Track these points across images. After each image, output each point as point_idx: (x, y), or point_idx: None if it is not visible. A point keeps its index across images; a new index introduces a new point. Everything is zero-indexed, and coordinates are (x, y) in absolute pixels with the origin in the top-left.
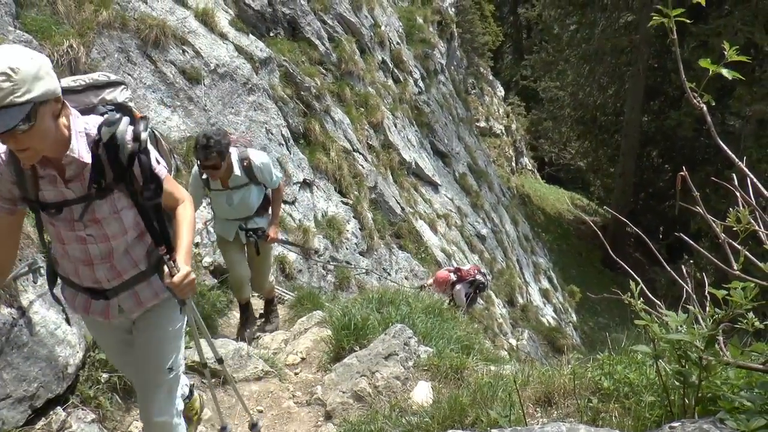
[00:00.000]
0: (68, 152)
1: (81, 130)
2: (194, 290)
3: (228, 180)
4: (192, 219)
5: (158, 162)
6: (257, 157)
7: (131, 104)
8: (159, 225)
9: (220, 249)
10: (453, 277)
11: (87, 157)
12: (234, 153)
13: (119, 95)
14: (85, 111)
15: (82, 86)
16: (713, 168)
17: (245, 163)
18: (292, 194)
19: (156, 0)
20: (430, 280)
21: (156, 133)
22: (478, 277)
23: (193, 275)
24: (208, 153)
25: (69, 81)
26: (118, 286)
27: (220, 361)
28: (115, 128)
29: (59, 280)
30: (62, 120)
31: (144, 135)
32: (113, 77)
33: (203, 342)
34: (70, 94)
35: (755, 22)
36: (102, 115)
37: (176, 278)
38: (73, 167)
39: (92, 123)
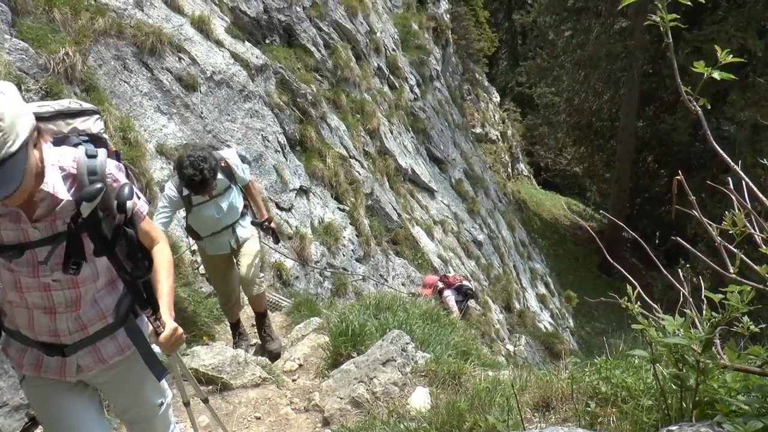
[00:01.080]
0: (42, 186)
1: (54, 163)
2: (182, 343)
3: (213, 189)
4: (170, 261)
5: (139, 198)
6: (231, 156)
7: (105, 136)
8: (146, 290)
9: (209, 270)
10: (440, 284)
11: (62, 193)
12: None
13: (93, 125)
14: (56, 142)
15: (50, 113)
16: (709, 173)
17: (223, 164)
18: (288, 201)
19: (152, 8)
20: (422, 289)
21: (129, 170)
22: (465, 283)
23: (180, 330)
24: (207, 186)
25: (34, 106)
26: (80, 341)
27: (205, 401)
28: (96, 201)
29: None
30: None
31: (130, 204)
32: (86, 105)
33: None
34: (37, 122)
35: (748, 28)
36: (75, 146)
37: (163, 337)
38: (45, 204)
39: (66, 155)
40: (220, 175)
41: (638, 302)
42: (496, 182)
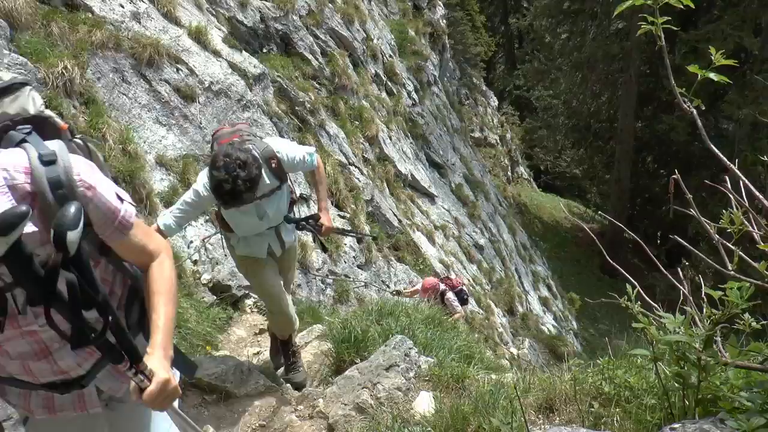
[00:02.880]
0: None
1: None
2: (176, 397)
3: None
4: (172, 282)
5: (121, 199)
6: (282, 149)
7: (49, 112)
8: (118, 336)
9: (247, 273)
10: (442, 286)
11: None
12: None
13: (28, 103)
14: None
15: None
16: (709, 172)
17: (273, 164)
18: None
19: (149, 19)
20: (411, 289)
21: (89, 145)
22: (463, 288)
23: (173, 383)
24: (237, 201)
25: None
26: (93, 367)
27: None
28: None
29: None
30: None
31: (73, 236)
32: (8, 77)
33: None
34: None
35: (744, 27)
36: (18, 145)
37: (148, 394)
38: None
39: (11, 164)
40: (267, 179)
41: (638, 302)
42: (496, 186)
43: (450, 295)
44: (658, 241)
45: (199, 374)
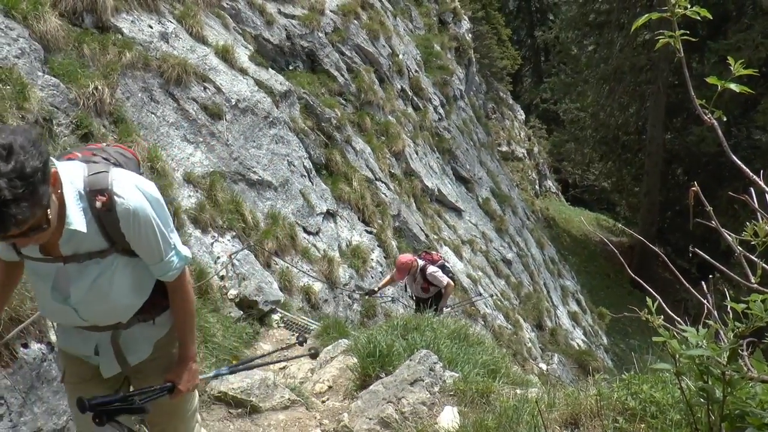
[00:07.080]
0: None
1: None
2: None
3: (57, 240)
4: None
5: None
6: (128, 191)
7: None
8: None
9: (65, 383)
10: (420, 261)
11: None
12: (73, 173)
13: None
14: None
15: None
16: (741, 183)
17: (100, 203)
18: (315, 225)
19: (177, 39)
20: (385, 280)
21: None
22: (446, 264)
23: None
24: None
25: None
26: None
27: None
28: None
29: None
30: None
31: None
32: None
33: None
34: None
35: None
36: None
37: None
38: None
39: None
40: (76, 223)
41: (661, 315)
42: (524, 200)
43: (431, 268)
44: (690, 254)
45: (225, 388)
